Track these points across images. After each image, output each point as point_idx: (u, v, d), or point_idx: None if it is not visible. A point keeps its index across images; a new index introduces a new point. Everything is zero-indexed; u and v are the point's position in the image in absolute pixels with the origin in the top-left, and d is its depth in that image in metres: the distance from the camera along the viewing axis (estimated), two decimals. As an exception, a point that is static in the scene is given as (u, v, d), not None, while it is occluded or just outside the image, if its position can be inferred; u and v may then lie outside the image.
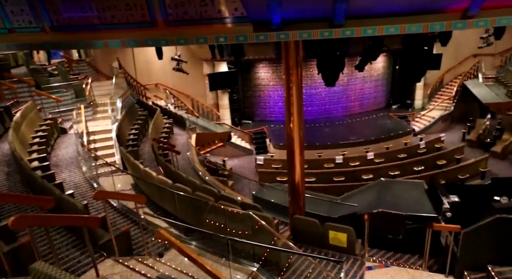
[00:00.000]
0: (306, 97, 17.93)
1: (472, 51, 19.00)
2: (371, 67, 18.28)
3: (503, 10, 5.35)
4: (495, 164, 13.67)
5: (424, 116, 18.38)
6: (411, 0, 5.10)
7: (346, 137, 15.03)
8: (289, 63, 5.79)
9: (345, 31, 5.07)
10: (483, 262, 5.04)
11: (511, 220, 4.99)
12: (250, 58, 16.01)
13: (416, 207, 6.35)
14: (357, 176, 12.07)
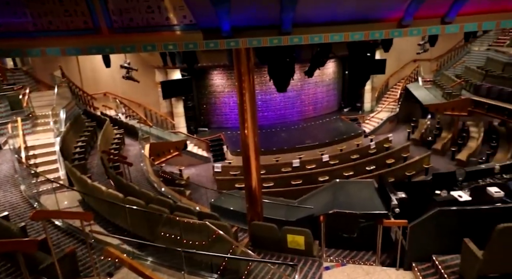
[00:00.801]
0: (262, 103, 18.23)
1: (412, 56, 20.69)
2: (323, 72, 19.13)
3: (432, 20, 5.92)
4: (437, 160, 14.94)
5: (373, 118, 19.57)
6: (352, 10, 5.44)
7: (302, 141, 15.49)
8: (240, 70, 5.86)
9: (293, 39, 5.27)
10: (429, 252, 5.45)
11: (450, 212, 5.48)
12: (204, 65, 15.94)
13: (368, 205, 6.69)
14: (313, 179, 12.46)
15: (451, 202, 6.46)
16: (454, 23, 5.98)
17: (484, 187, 7.06)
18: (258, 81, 17.51)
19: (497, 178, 7.55)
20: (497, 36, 19.52)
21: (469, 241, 4.85)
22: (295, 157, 13.97)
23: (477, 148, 15.34)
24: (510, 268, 4.66)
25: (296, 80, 17.87)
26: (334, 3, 5.11)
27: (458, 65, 20.50)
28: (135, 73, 13.59)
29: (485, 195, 6.77)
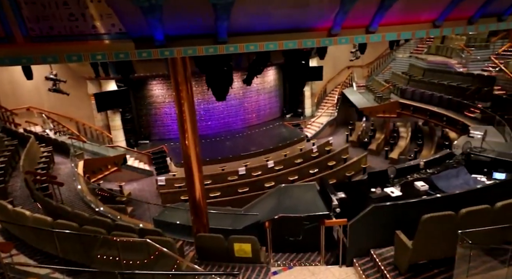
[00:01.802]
0: (205, 112, 18.11)
1: (346, 63, 22.24)
2: (264, 80, 19.65)
3: (358, 30, 6.45)
4: (373, 159, 16.14)
5: (314, 123, 20.55)
6: (286, 19, 5.71)
7: (247, 148, 15.66)
8: (178, 80, 5.78)
9: (229, 47, 5.36)
10: (367, 247, 5.84)
11: (383, 207, 5.95)
12: (141, 75, 15.37)
13: (311, 208, 6.98)
14: (260, 185, 12.65)
15: (385, 198, 7.02)
16: (377, 33, 6.59)
17: (412, 182, 7.81)
18: (200, 90, 17.39)
19: (422, 173, 8.40)
20: (417, 45, 21.88)
21: (400, 233, 5.30)
22: (241, 165, 14.06)
23: (406, 146, 16.92)
24: (436, 254, 5.19)
25: (238, 88, 18.11)
26: (267, 13, 5.32)
27: (386, 71, 22.55)
28: (63, 85, 12.60)
29: (413, 189, 7.49)
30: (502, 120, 11.75)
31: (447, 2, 6.55)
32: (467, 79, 16.04)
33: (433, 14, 6.92)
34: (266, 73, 19.43)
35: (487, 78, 15.23)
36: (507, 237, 4.77)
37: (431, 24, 7.03)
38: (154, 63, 13.68)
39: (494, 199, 5.30)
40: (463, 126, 13.36)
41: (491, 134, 10.94)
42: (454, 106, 14.86)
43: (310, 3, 5.33)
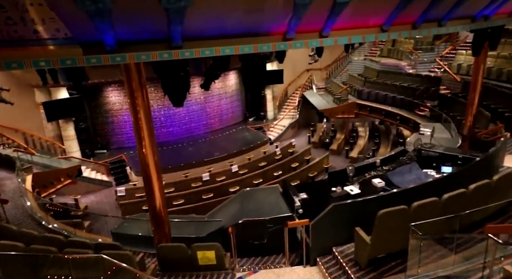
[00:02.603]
0: (166, 118, 17.72)
1: (305, 66, 22.89)
2: (225, 84, 19.65)
3: (312, 34, 6.67)
4: (334, 159, 16.67)
5: (277, 125, 20.87)
6: (241, 24, 5.77)
7: (211, 154, 15.54)
8: (132, 86, 5.61)
9: (185, 52, 5.30)
10: (329, 245, 6.01)
11: (343, 205, 6.15)
12: (95, 82, 14.71)
13: (274, 210, 7.05)
14: (225, 190, 12.57)
15: (345, 196, 7.28)
16: (330, 37, 6.86)
17: (370, 179, 8.17)
18: (160, 96, 16.98)
19: (379, 170, 8.82)
20: (370, 48, 23.05)
21: (360, 230, 5.52)
22: (204, 171, 13.90)
23: (365, 145, 17.70)
24: (393, 247, 5.46)
25: (199, 93, 17.95)
26: (222, 17, 5.34)
27: (343, 73, 23.49)
28: (6, 94, 11.72)
29: (371, 186, 7.83)
30: (448, 117, 12.70)
31: (392, 8, 6.99)
32: (416, 79, 17.15)
33: (380, 20, 7.34)
34: (227, 77, 19.46)
35: (434, 78, 16.39)
36: (454, 226, 5.13)
37: (379, 29, 7.46)
38: (109, 69, 13.16)
39: (443, 191, 5.70)
40: (414, 124, 14.23)
41: (438, 130, 11.78)
42: (406, 105, 15.81)
43: (264, 9, 5.43)
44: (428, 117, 14.29)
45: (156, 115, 17.48)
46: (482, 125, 11.45)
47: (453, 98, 14.28)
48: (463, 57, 15.96)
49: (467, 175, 6.97)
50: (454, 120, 12.36)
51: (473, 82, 10.13)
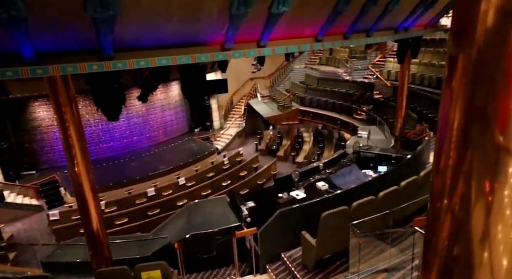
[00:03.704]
0: (104, 133, 16.71)
1: (249, 75, 23.23)
2: (168, 95, 19.17)
3: (250, 44, 6.80)
4: (281, 165, 17.05)
5: (224, 135, 20.83)
6: (177, 33, 5.68)
7: (156, 167, 14.97)
8: (59, 101, 5.21)
9: (117, 64, 5.06)
10: (278, 251, 6.10)
11: (289, 211, 6.30)
12: (18, 96, 13.38)
13: (222, 221, 6.98)
14: (172, 205, 12.16)
15: (291, 201, 7.47)
16: (268, 47, 7.06)
17: (314, 183, 8.49)
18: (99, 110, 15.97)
19: (323, 174, 9.22)
20: (310, 56, 24.21)
21: (305, 233, 5.68)
22: (149, 186, 13.33)
23: (310, 150, 18.39)
24: (337, 247, 5.71)
25: (140, 105, 17.24)
26: (157, 27, 5.21)
27: (286, 81, 24.30)
28: None
29: (315, 190, 8.14)
30: (382, 120, 13.75)
31: (324, 20, 7.43)
32: (353, 86, 18.36)
33: (314, 30, 7.75)
34: (169, 88, 19.01)
35: (368, 84, 17.69)
36: (389, 222, 5.53)
37: (314, 39, 7.87)
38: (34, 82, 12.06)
39: (379, 190, 6.12)
40: (353, 127, 15.17)
41: (374, 132, 12.69)
42: (345, 110, 16.82)
43: (200, 19, 5.42)
44: (365, 120, 15.34)
45: (93, 130, 16.42)
46: (410, 126, 12.59)
47: (385, 102, 15.52)
48: (391, 64, 17.47)
49: (400, 173, 7.58)
50: (387, 122, 13.42)
51: (400, 87, 11.12)
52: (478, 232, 1.21)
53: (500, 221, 1.18)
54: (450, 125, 1.20)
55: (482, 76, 1.10)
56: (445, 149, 1.24)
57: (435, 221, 1.32)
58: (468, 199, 1.21)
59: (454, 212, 1.25)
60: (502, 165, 1.13)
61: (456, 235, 1.26)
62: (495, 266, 1.21)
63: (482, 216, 1.19)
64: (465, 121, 1.16)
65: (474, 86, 1.12)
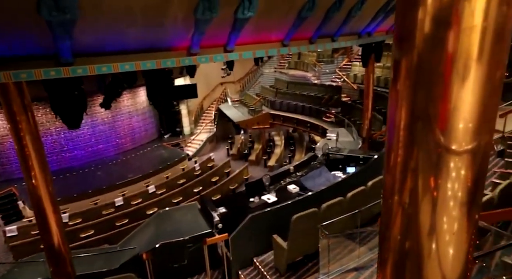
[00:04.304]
0: (67, 141, 15.98)
1: (219, 80, 23.23)
2: (135, 101, 18.71)
3: (216, 48, 6.81)
4: (253, 169, 17.12)
5: (194, 141, 20.60)
6: (141, 38, 5.57)
7: (124, 176, 14.50)
8: (13, 109, 4.94)
9: (77, 70, 4.88)
10: (250, 257, 6.10)
11: (260, 215, 6.33)
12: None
13: (193, 228, 6.88)
14: (142, 214, 11.82)
15: (263, 205, 7.50)
16: (235, 52, 7.09)
17: (285, 186, 8.59)
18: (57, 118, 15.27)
19: (293, 177, 9.35)
20: (279, 61, 24.58)
21: (277, 237, 5.73)
22: (117, 195, 12.88)
23: (282, 153, 18.59)
24: (308, 249, 5.78)
25: (106, 112, 16.67)
26: (119, 32, 5.09)
27: (256, 85, 24.49)
28: None
29: (286, 193, 8.23)
30: (349, 122, 14.19)
31: (289, 25, 7.59)
32: (321, 89, 18.83)
33: (280, 35, 7.90)
34: (137, 93, 18.56)
35: (336, 87, 18.22)
36: (357, 221, 5.70)
37: (280, 44, 8.01)
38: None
39: (348, 191, 6.30)
40: (323, 130, 15.54)
41: (343, 134, 13.07)
42: (314, 113, 17.20)
43: (165, 23, 5.36)
44: (334, 122, 15.76)
45: (55, 138, 15.67)
46: (377, 127, 13.07)
47: (352, 105, 16.04)
48: (357, 68, 18.11)
49: (367, 173, 7.84)
50: (354, 124, 13.86)
51: (366, 90, 11.55)
52: (426, 225, 1.29)
53: (445, 213, 1.26)
54: (397, 125, 1.27)
55: (423, 80, 1.17)
56: (394, 148, 1.31)
57: (387, 217, 1.39)
58: (416, 194, 1.28)
59: (404, 208, 1.32)
60: (444, 162, 1.21)
61: (406, 230, 1.33)
62: (441, 257, 1.29)
63: (429, 210, 1.27)
64: (410, 121, 1.23)
65: (416, 89, 1.19)
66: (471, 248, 1.34)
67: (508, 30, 1.12)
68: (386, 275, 1.41)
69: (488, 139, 1.23)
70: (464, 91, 1.14)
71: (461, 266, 1.34)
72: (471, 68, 1.12)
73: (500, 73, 1.16)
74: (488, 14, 1.06)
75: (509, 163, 6.61)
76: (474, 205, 1.28)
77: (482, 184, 1.30)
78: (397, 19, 1.22)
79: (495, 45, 1.11)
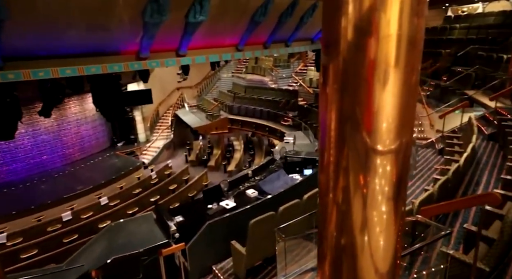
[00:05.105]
0: (3, 154, 14.72)
1: (175, 85, 22.83)
2: (83, 108, 17.79)
3: (168, 53, 6.72)
4: (213, 175, 16.98)
5: (150, 148, 20.02)
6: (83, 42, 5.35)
7: (72, 188, 13.66)
8: None
9: (7, 75, 4.56)
10: (209, 264, 6.04)
11: (218, 222, 6.31)
12: None
13: (149, 240, 6.67)
14: (93, 228, 11.20)
15: (221, 212, 7.46)
16: (187, 56, 7.04)
17: (244, 191, 8.62)
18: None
19: (252, 181, 9.42)
20: (236, 65, 24.73)
21: (235, 243, 5.74)
22: (65, 210, 12.10)
23: (241, 158, 18.65)
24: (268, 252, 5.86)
25: (50, 121, 15.65)
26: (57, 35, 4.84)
27: (213, 90, 24.42)
28: None
29: (245, 198, 8.27)
30: (306, 125, 14.62)
31: (243, 30, 7.70)
32: (279, 93, 19.23)
33: (234, 40, 7.99)
34: (85, 100, 17.65)
35: (292, 91, 18.71)
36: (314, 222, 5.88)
37: (235, 48, 8.10)
38: None
39: (305, 192, 6.48)
40: (281, 133, 15.86)
41: (300, 138, 13.43)
42: (272, 117, 17.50)
43: (109, 26, 5.20)
44: (292, 126, 16.14)
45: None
46: (332, 129, 13.60)
47: (308, 108, 16.55)
48: (312, 72, 18.76)
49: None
50: (311, 127, 14.31)
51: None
52: (358, 221, 1.38)
53: (374, 208, 1.36)
54: (328, 126, 1.36)
55: (348, 84, 1.27)
56: (326, 147, 1.39)
57: (324, 215, 1.47)
58: (348, 192, 1.37)
59: (338, 205, 1.40)
60: (371, 162, 1.31)
61: (341, 226, 1.42)
62: (373, 250, 1.39)
63: (360, 206, 1.36)
64: (339, 123, 1.32)
65: (343, 93, 1.28)
66: (400, 239, 1.46)
67: (420, 39, 1.25)
68: (325, 271, 1.49)
69: (408, 138, 1.36)
70: (385, 94, 1.24)
71: (391, 257, 1.44)
72: (390, 73, 1.22)
73: (415, 78, 1.29)
74: (401, 24, 1.18)
75: (448, 160, 7.21)
76: (400, 199, 1.40)
77: (405, 180, 1.42)
78: (323, 26, 1.30)
79: (409, 53, 1.23)
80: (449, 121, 9.16)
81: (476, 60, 13.23)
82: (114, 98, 6.01)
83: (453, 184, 5.71)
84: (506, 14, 15.82)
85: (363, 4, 1.16)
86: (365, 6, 1.16)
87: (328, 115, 1.35)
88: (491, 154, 7.60)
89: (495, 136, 8.23)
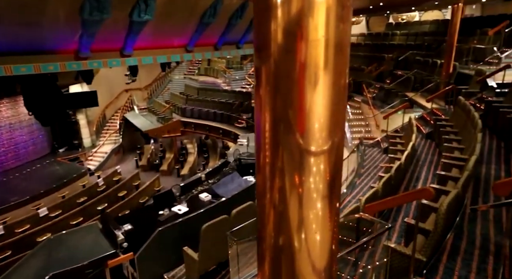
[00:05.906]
0: None
1: (123, 87, 21.87)
2: (18, 111, 16.38)
3: (111, 53, 6.43)
4: (166, 180, 16.53)
5: (97, 153, 18.97)
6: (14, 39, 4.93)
7: (6, 200, 12.50)
8: None
9: None
10: (160, 273, 5.85)
11: (169, 228, 6.14)
12: None
13: (93, 252, 6.28)
14: (30, 242, 10.32)
15: (173, 217, 7.27)
16: (133, 57, 6.79)
17: (197, 195, 8.48)
18: None
19: (205, 185, 9.30)
20: (188, 67, 24.33)
21: (188, 249, 5.62)
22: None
23: (195, 161, 18.38)
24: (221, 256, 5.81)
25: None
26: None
27: (165, 92, 23.78)
28: None
29: (199, 202, 8.14)
30: (260, 127, 14.77)
31: (192, 30, 7.60)
32: (232, 95, 19.25)
33: (183, 40, 7.86)
34: (18, 103, 16.23)
35: (246, 93, 18.84)
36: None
37: (184, 49, 7.97)
38: None
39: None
40: (235, 135, 15.87)
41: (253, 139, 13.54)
42: (226, 119, 17.47)
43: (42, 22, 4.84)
44: (246, 128, 16.23)
45: None
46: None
47: (262, 110, 16.76)
48: (265, 74, 19.03)
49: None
50: (264, 129, 14.49)
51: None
52: (295, 220, 1.42)
53: (310, 206, 1.41)
54: (263, 127, 1.38)
55: (280, 86, 1.30)
56: (262, 148, 1.41)
57: (262, 216, 1.49)
58: (284, 192, 1.40)
59: (276, 206, 1.43)
60: (305, 162, 1.36)
61: (279, 226, 1.45)
62: (310, 247, 1.44)
63: (296, 206, 1.40)
64: (273, 124, 1.35)
65: (276, 95, 1.32)
66: (336, 236, 1.53)
67: (347, 43, 1.32)
68: (265, 272, 1.51)
69: (340, 138, 1.42)
70: (316, 96, 1.29)
71: (328, 253, 1.50)
72: (320, 76, 1.28)
73: (344, 81, 1.36)
74: (328, 29, 1.23)
75: (392, 158, 7.71)
76: (334, 197, 1.46)
77: (339, 178, 1.49)
78: (255, 29, 1.32)
79: (337, 56, 1.29)
80: (392, 122, 9.79)
81: (415, 65, 14.33)
82: (51, 101, 5.60)
83: (396, 181, 6.11)
84: (439, 22, 17.34)
85: (291, 8, 1.20)
86: (293, 11, 1.20)
87: (262, 116, 1.37)
88: (429, 152, 8.26)
89: (432, 135, 8.97)
